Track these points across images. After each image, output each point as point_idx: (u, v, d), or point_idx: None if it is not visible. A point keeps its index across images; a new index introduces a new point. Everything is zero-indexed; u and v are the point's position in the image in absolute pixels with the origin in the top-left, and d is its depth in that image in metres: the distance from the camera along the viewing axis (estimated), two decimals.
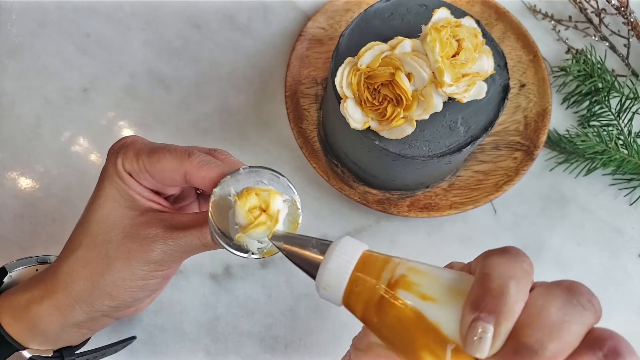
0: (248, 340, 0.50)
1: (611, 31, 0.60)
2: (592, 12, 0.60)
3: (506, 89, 0.47)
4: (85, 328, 0.38)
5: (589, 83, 0.56)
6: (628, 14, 0.58)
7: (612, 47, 0.59)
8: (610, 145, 0.53)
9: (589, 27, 0.60)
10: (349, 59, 0.44)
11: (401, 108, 0.43)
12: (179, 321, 0.50)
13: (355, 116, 0.44)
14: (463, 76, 0.43)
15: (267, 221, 0.31)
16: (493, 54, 0.45)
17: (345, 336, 0.35)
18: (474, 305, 0.24)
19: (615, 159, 0.54)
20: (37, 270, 0.41)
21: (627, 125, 0.56)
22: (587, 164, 0.55)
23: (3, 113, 0.55)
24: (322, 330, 0.51)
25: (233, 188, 0.32)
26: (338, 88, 0.44)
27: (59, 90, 0.56)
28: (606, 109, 0.56)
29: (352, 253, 0.28)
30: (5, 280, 0.40)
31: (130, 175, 0.35)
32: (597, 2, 0.60)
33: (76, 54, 0.57)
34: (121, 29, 0.58)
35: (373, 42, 0.44)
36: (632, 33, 0.59)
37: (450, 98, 0.44)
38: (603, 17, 0.60)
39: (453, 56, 0.43)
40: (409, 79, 0.42)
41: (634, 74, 0.59)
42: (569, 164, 0.56)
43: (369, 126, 0.44)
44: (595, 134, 0.54)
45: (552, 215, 0.55)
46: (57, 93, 0.56)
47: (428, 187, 0.53)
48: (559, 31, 0.60)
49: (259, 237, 0.31)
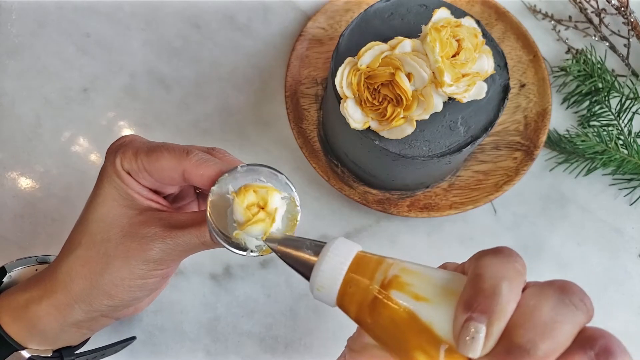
0: (248, 340, 0.50)
1: (611, 31, 0.60)
2: (592, 12, 0.60)
3: (506, 89, 0.47)
4: (84, 328, 0.38)
5: (589, 83, 0.56)
6: (628, 14, 0.58)
7: (612, 47, 0.59)
8: (610, 145, 0.53)
9: (589, 27, 0.60)
10: (349, 59, 0.44)
11: (401, 108, 0.43)
12: (179, 321, 0.50)
13: (355, 116, 0.44)
14: (463, 76, 0.43)
15: (266, 218, 0.31)
16: (493, 54, 0.45)
17: (345, 336, 0.35)
18: (467, 305, 0.24)
19: (615, 159, 0.54)
20: (37, 270, 0.41)
21: (627, 125, 0.56)
22: (587, 164, 0.55)
23: (3, 113, 0.55)
24: (322, 330, 0.51)
25: (231, 186, 0.32)
26: (338, 88, 0.44)
27: (59, 90, 0.56)
28: (606, 109, 0.56)
29: (346, 254, 0.28)
30: (4, 280, 0.40)
31: (129, 174, 0.35)
32: (597, 2, 0.60)
33: (76, 54, 0.57)
34: (121, 29, 0.58)
35: (373, 42, 0.44)
36: (632, 33, 0.59)
37: (450, 98, 0.44)
38: (603, 17, 0.60)
39: (453, 56, 0.43)
40: (409, 79, 0.42)
41: (634, 74, 0.59)
42: (569, 164, 0.56)
43: (369, 126, 0.44)
44: (595, 134, 0.54)
45: (552, 215, 0.55)
46: (57, 93, 0.56)
47: (428, 187, 0.53)
48: (559, 31, 0.60)
49: (257, 235, 0.31)
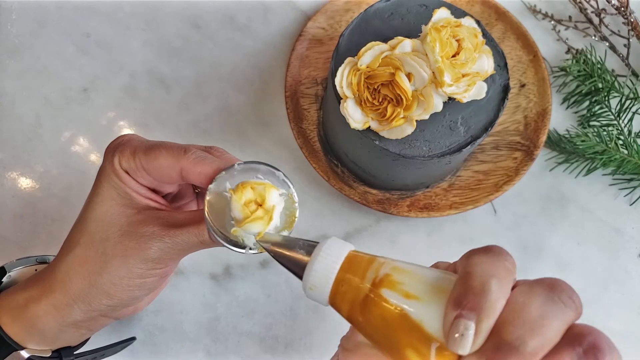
0: (248, 340, 0.50)
1: (611, 31, 0.60)
2: (592, 12, 0.60)
3: (506, 89, 0.47)
4: (83, 328, 0.38)
5: (589, 83, 0.56)
6: (628, 14, 0.58)
7: (612, 47, 0.59)
8: (610, 145, 0.53)
9: (589, 27, 0.60)
10: (349, 59, 0.44)
11: (401, 108, 0.43)
12: (179, 321, 0.50)
13: (355, 116, 0.44)
14: (463, 76, 0.43)
15: (264, 215, 0.31)
16: (493, 54, 0.45)
17: None
18: (456, 302, 0.24)
19: (615, 159, 0.54)
20: (36, 270, 0.41)
21: (627, 125, 0.56)
22: (587, 164, 0.55)
23: (3, 113, 0.55)
24: (322, 330, 0.51)
25: (228, 183, 0.32)
26: (338, 88, 0.44)
27: (59, 90, 0.56)
28: (606, 109, 0.56)
29: (338, 254, 0.28)
30: (4, 280, 0.40)
31: (127, 173, 0.35)
32: (597, 2, 0.60)
33: (76, 54, 0.57)
34: (121, 29, 0.58)
35: (373, 42, 0.44)
36: (632, 33, 0.59)
37: (450, 98, 0.44)
38: (603, 17, 0.60)
39: (453, 56, 0.43)
40: (409, 79, 0.42)
41: (634, 74, 0.59)
42: (569, 164, 0.56)
43: (369, 126, 0.44)
44: (595, 134, 0.54)
45: (552, 215, 0.55)
46: (57, 93, 0.56)
47: (428, 187, 0.53)
48: (559, 31, 0.60)
49: (255, 232, 0.31)
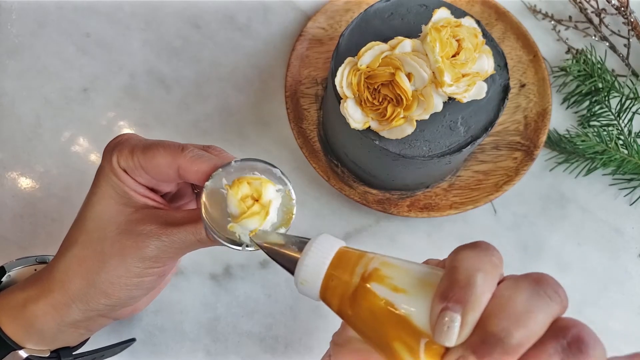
0: (248, 340, 0.50)
1: (611, 31, 0.60)
2: (592, 12, 0.60)
3: (506, 89, 0.47)
4: (82, 328, 0.38)
5: (589, 83, 0.56)
6: (628, 14, 0.58)
7: (612, 47, 0.59)
8: (610, 145, 0.53)
9: (589, 27, 0.60)
10: (349, 59, 0.44)
11: (401, 108, 0.43)
12: (179, 321, 0.50)
13: (355, 116, 0.44)
14: (463, 76, 0.43)
15: (260, 210, 0.31)
16: (493, 54, 0.45)
17: None
18: (443, 295, 0.25)
19: (615, 159, 0.54)
20: (36, 269, 0.41)
21: (627, 125, 0.56)
22: (587, 164, 0.55)
23: (3, 113, 0.55)
24: (322, 330, 0.51)
25: (225, 179, 0.32)
26: (338, 88, 0.44)
27: (59, 90, 0.56)
28: (606, 109, 0.56)
29: (328, 249, 0.28)
30: (3, 279, 0.40)
31: (125, 172, 0.35)
32: (597, 2, 0.60)
33: (76, 54, 0.57)
34: (121, 29, 0.58)
35: (373, 42, 0.44)
36: (632, 33, 0.59)
37: (450, 98, 0.44)
38: (603, 17, 0.60)
39: (453, 56, 0.43)
40: (409, 79, 0.42)
41: (634, 74, 0.59)
42: (569, 164, 0.56)
43: (369, 126, 0.44)
44: (595, 134, 0.54)
45: (552, 215, 0.55)
46: (57, 93, 0.56)
47: (428, 187, 0.53)
48: (559, 31, 0.60)
49: (252, 227, 0.31)
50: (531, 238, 0.54)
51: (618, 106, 0.56)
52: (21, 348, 0.37)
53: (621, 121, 0.55)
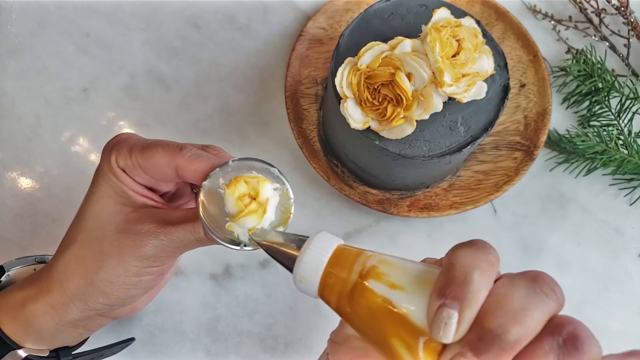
0: (248, 340, 0.50)
1: (611, 31, 0.60)
2: (592, 12, 0.60)
3: (506, 89, 0.47)
4: (81, 327, 0.38)
5: (589, 83, 0.56)
6: (628, 14, 0.58)
7: (612, 47, 0.59)
8: (610, 145, 0.53)
9: (589, 27, 0.60)
10: (349, 59, 0.44)
11: (401, 108, 0.43)
12: (179, 321, 0.50)
13: (355, 116, 0.44)
14: (463, 76, 0.43)
15: (258, 208, 0.31)
16: (493, 54, 0.45)
17: None
18: (440, 292, 0.25)
19: (615, 159, 0.54)
20: (35, 269, 0.41)
21: (627, 125, 0.56)
22: (587, 164, 0.55)
23: (3, 113, 0.55)
24: (322, 329, 0.51)
25: (222, 178, 0.32)
26: (338, 88, 0.44)
27: (59, 90, 0.56)
28: (606, 109, 0.56)
29: (327, 247, 0.29)
30: (2, 279, 0.40)
31: (124, 171, 0.35)
32: (597, 2, 0.60)
33: (76, 54, 0.57)
34: (121, 29, 0.58)
35: (373, 42, 0.44)
36: (632, 33, 0.59)
37: (450, 98, 0.44)
38: (603, 17, 0.60)
39: (453, 56, 0.43)
40: (409, 79, 0.42)
41: (634, 74, 0.59)
42: (569, 164, 0.56)
43: (369, 126, 0.44)
44: (595, 134, 0.54)
45: (552, 215, 0.55)
46: (57, 93, 0.56)
47: (428, 187, 0.53)
48: (559, 31, 0.60)
49: (250, 226, 0.31)
50: (531, 238, 0.54)
51: (618, 106, 0.56)
52: (20, 347, 0.37)
53: (621, 121, 0.55)
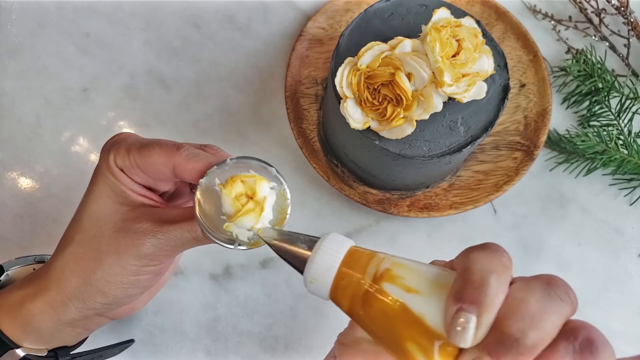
0: (248, 340, 0.50)
1: (611, 31, 0.60)
2: (592, 12, 0.60)
3: (506, 89, 0.47)
4: (79, 327, 0.38)
5: (589, 83, 0.56)
6: (628, 14, 0.58)
7: (612, 47, 0.59)
8: (610, 145, 0.53)
9: (589, 27, 0.60)
10: (349, 59, 0.44)
11: (401, 108, 0.43)
12: (179, 321, 0.50)
13: (355, 116, 0.44)
14: (463, 76, 0.43)
15: (255, 207, 0.30)
16: (493, 54, 0.45)
17: None
18: (457, 296, 0.25)
19: (615, 159, 0.54)
20: (34, 269, 0.41)
21: (627, 125, 0.56)
22: (587, 164, 0.55)
23: (3, 113, 0.55)
24: (322, 330, 0.51)
25: (218, 178, 0.32)
26: (338, 88, 0.44)
27: (59, 90, 0.56)
28: (606, 109, 0.56)
29: (339, 248, 0.28)
30: (1, 278, 0.40)
31: (122, 170, 0.35)
32: (597, 2, 0.60)
33: (76, 54, 0.57)
34: (121, 29, 0.58)
35: (373, 42, 0.44)
36: (632, 33, 0.59)
37: (450, 98, 0.44)
38: (603, 17, 0.60)
39: (453, 56, 0.43)
40: (409, 79, 0.42)
41: (634, 74, 0.59)
42: (569, 164, 0.56)
43: (369, 126, 0.44)
44: (595, 134, 0.54)
45: (552, 215, 0.55)
46: (57, 93, 0.56)
47: (428, 187, 0.53)
48: (559, 31, 0.60)
49: (248, 226, 0.31)
50: (531, 238, 0.54)
51: (618, 106, 0.56)
52: (18, 347, 0.37)
53: (621, 121, 0.55)
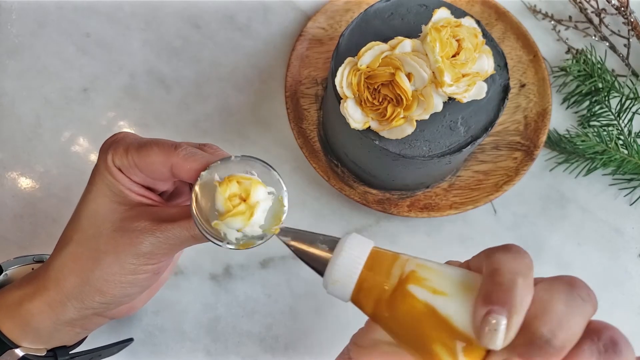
0: (248, 340, 0.50)
1: (611, 31, 0.60)
2: (592, 12, 0.60)
3: (506, 89, 0.47)
4: (78, 327, 0.38)
5: (589, 83, 0.56)
6: (628, 14, 0.58)
7: (612, 47, 0.59)
8: (610, 145, 0.53)
9: (589, 27, 0.60)
10: (349, 59, 0.44)
11: (401, 108, 0.43)
12: (179, 321, 0.50)
13: (355, 116, 0.44)
14: (463, 76, 0.43)
15: (246, 210, 0.30)
16: (493, 54, 0.45)
17: (346, 336, 0.34)
18: (486, 299, 0.25)
19: (615, 159, 0.54)
20: (33, 269, 0.41)
21: (627, 125, 0.56)
22: (587, 164, 0.55)
23: (3, 113, 0.55)
24: (322, 330, 0.51)
25: (218, 174, 0.32)
26: (338, 88, 0.44)
27: (59, 90, 0.56)
28: (606, 109, 0.56)
29: (362, 249, 0.28)
30: (0, 278, 0.40)
31: (120, 170, 0.35)
32: (597, 2, 0.60)
33: (76, 54, 0.57)
34: (121, 29, 0.58)
35: (373, 42, 0.44)
36: (632, 33, 0.59)
37: (450, 98, 0.44)
38: (603, 17, 0.60)
39: (453, 56, 0.43)
40: (409, 79, 0.42)
41: (634, 74, 0.59)
42: (569, 164, 0.56)
43: (369, 126, 0.44)
44: (595, 134, 0.54)
45: (552, 215, 0.55)
46: (57, 93, 0.56)
47: (428, 187, 0.53)
48: (559, 31, 0.60)
49: (236, 227, 0.31)
50: (531, 238, 0.54)
51: (618, 106, 0.56)
52: (17, 346, 0.37)
53: (621, 121, 0.55)
